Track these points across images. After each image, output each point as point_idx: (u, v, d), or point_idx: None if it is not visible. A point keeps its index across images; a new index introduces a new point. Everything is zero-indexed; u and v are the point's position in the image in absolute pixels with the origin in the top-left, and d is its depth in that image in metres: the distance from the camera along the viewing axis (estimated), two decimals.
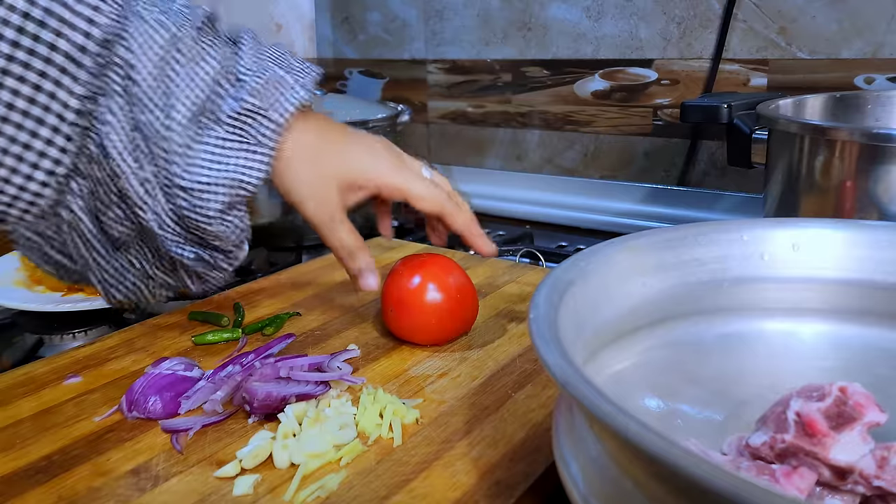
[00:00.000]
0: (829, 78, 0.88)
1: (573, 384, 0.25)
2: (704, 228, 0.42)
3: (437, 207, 0.55)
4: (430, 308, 0.53)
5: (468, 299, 0.56)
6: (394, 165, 0.55)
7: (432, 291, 0.53)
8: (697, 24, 0.96)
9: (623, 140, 1.06)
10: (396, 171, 0.54)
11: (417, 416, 0.45)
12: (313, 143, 0.53)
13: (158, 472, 0.41)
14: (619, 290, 0.38)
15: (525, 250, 0.84)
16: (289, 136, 0.51)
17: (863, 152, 0.58)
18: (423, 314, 0.54)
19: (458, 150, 1.24)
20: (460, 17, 1.18)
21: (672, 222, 0.78)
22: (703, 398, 0.39)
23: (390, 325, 0.56)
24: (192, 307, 0.65)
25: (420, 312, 0.54)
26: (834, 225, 0.42)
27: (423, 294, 0.53)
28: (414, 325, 0.54)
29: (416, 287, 0.54)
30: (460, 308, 0.55)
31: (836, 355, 0.41)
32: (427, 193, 0.54)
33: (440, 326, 0.54)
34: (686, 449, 0.21)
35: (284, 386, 0.47)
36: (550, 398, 0.48)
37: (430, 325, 0.54)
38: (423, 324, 0.54)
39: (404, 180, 0.54)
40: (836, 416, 0.33)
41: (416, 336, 0.55)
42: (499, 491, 0.38)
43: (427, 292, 0.53)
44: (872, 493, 0.32)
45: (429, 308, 0.53)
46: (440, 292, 0.54)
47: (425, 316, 0.54)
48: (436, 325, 0.54)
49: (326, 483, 0.39)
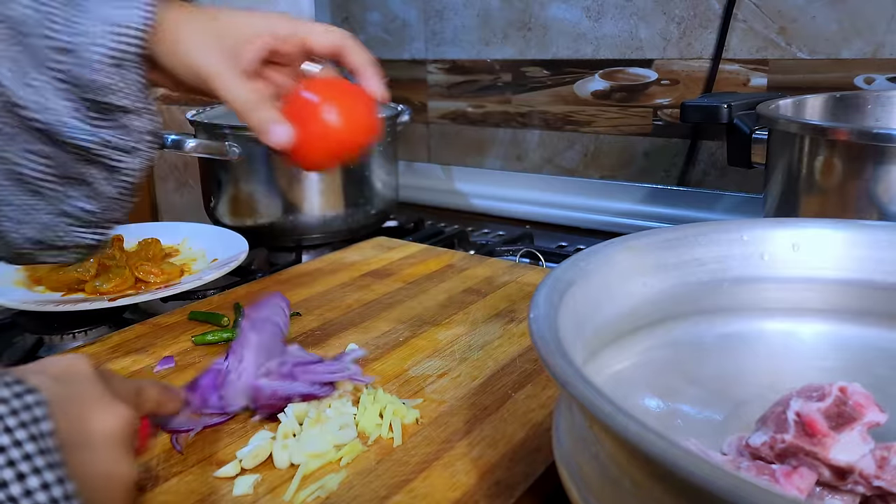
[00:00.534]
0: (829, 78, 0.88)
1: (573, 384, 0.25)
2: (704, 228, 0.42)
3: (337, 41, 0.53)
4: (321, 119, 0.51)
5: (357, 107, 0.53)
6: (285, 17, 0.54)
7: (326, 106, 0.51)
8: (697, 24, 0.96)
9: (623, 140, 1.06)
10: (289, 20, 0.53)
11: (417, 416, 0.45)
12: (199, 11, 0.51)
13: (158, 472, 0.41)
14: (619, 290, 0.38)
15: (525, 250, 0.84)
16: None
17: (863, 152, 0.58)
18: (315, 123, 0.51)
19: (458, 150, 1.24)
20: (460, 17, 1.18)
21: (672, 222, 0.78)
22: (703, 398, 0.39)
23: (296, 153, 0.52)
24: (192, 307, 0.65)
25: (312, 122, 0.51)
26: (834, 225, 0.42)
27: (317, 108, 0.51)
28: (308, 137, 0.51)
29: (308, 100, 0.51)
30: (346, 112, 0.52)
31: (835, 355, 0.41)
32: (325, 30, 0.53)
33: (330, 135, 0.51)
34: (686, 449, 0.21)
35: (291, 385, 0.46)
36: (550, 398, 0.48)
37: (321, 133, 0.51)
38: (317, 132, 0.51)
39: (299, 24, 0.53)
40: (835, 416, 0.33)
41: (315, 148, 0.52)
42: (499, 491, 0.38)
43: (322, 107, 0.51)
44: (872, 492, 0.32)
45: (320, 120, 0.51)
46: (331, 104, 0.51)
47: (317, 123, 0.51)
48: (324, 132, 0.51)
49: (326, 483, 0.39)
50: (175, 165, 1.78)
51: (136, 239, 0.86)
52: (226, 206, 0.94)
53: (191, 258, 0.84)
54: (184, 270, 0.80)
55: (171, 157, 1.78)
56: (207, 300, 0.67)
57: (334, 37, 0.54)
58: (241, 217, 0.94)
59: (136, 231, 0.89)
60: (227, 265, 0.76)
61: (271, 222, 0.92)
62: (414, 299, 0.66)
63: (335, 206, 0.93)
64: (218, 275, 0.73)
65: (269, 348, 0.49)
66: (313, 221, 0.93)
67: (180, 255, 0.86)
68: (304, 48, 0.53)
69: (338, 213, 0.93)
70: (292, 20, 0.54)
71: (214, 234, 0.89)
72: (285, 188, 0.91)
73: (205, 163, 0.96)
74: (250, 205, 0.92)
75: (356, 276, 0.72)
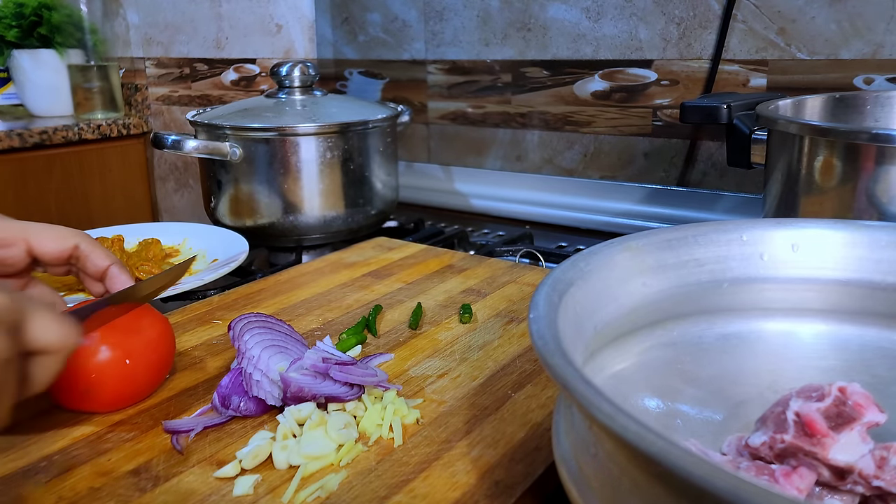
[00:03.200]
0: (828, 78, 0.88)
1: (573, 384, 0.25)
2: (704, 229, 0.42)
3: (67, 244, 0.48)
4: (97, 368, 0.45)
5: (150, 357, 0.47)
6: (5, 220, 0.49)
7: (103, 351, 0.45)
8: (697, 25, 0.96)
9: (623, 140, 1.06)
10: (10, 223, 0.48)
11: (418, 416, 0.45)
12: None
13: (159, 472, 0.41)
14: (619, 291, 0.38)
15: (525, 250, 0.84)
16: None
17: (862, 152, 0.58)
18: (88, 375, 0.45)
19: (458, 150, 1.24)
20: (460, 18, 1.18)
21: (672, 223, 0.78)
22: (702, 398, 0.39)
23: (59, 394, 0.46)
24: (192, 307, 0.65)
25: (84, 373, 0.45)
26: (833, 225, 0.42)
27: (91, 354, 0.45)
28: (77, 389, 0.45)
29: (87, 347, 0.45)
30: (135, 369, 0.46)
31: (835, 355, 0.41)
32: (55, 234, 0.48)
33: (108, 389, 0.46)
34: (685, 449, 0.21)
35: (319, 384, 0.45)
36: (550, 398, 0.48)
37: (94, 388, 0.45)
38: (88, 386, 0.45)
39: (24, 226, 0.47)
40: (835, 417, 0.33)
41: (82, 401, 0.46)
42: (499, 491, 0.38)
43: (98, 352, 0.45)
44: (872, 493, 0.32)
45: (95, 368, 0.45)
46: (111, 351, 0.45)
47: (90, 377, 0.45)
48: (101, 388, 0.45)
49: (326, 483, 0.39)
50: (175, 166, 1.78)
51: (137, 239, 0.87)
52: (226, 207, 0.95)
53: (191, 258, 0.84)
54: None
55: (171, 158, 1.78)
56: (208, 300, 0.67)
57: (63, 241, 0.48)
58: (242, 217, 0.94)
59: (137, 231, 0.89)
60: (227, 265, 0.76)
61: (271, 222, 0.92)
62: (414, 299, 0.66)
63: (335, 207, 0.93)
64: (218, 275, 0.73)
65: (280, 344, 0.49)
66: (313, 222, 0.93)
67: (181, 255, 0.86)
68: (30, 254, 0.48)
69: (338, 213, 0.93)
70: (15, 223, 0.48)
71: (215, 234, 0.89)
72: (285, 188, 0.91)
73: (205, 163, 0.96)
74: (250, 205, 0.92)
75: (356, 276, 0.72)
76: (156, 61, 1.73)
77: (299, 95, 0.97)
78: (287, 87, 0.98)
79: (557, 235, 1.04)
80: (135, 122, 1.72)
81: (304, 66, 0.97)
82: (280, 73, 0.97)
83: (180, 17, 1.63)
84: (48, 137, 1.55)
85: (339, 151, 0.92)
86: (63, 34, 1.67)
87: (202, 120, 0.94)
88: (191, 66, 1.65)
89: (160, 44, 1.70)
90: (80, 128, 1.61)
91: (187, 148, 0.87)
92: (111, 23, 1.76)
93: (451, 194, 1.22)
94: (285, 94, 0.98)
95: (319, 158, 0.91)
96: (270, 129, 0.89)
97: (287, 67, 0.97)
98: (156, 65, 1.73)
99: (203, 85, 1.64)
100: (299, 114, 0.93)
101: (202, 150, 0.88)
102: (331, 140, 0.91)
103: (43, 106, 1.74)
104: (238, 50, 1.54)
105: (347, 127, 0.91)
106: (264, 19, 1.47)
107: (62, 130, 1.58)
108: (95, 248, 0.50)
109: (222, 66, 1.58)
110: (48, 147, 1.57)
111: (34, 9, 1.63)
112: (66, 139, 1.59)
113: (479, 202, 1.18)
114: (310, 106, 0.95)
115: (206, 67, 1.61)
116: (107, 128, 1.66)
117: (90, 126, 1.63)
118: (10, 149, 1.50)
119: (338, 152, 0.92)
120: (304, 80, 0.97)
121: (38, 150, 1.55)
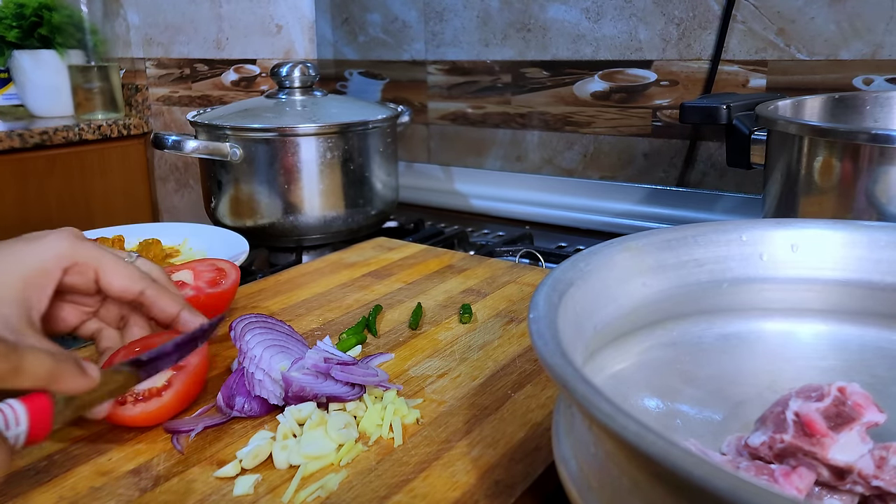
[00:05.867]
0: (827, 79, 0.88)
1: (573, 384, 0.25)
2: (703, 229, 0.42)
3: (134, 288, 0.46)
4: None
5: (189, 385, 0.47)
6: (79, 238, 0.47)
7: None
8: (696, 26, 0.96)
9: (622, 141, 1.06)
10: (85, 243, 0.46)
11: (418, 416, 0.45)
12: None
13: (159, 472, 0.41)
14: (619, 291, 0.38)
15: (525, 251, 0.84)
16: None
17: (861, 153, 0.58)
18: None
19: (458, 150, 1.24)
20: (460, 19, 1.18)
21: (671, 223, 0.78)
22: (702, 398, 0.39)
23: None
24: None
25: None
26: (832, 225, 0.42)
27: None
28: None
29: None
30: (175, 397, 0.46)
31: (834, 355, 0.41)
32: (123, 269, 0.46)
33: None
34: (685, 449, 0.21)
35: (321, 383, 0.46)
36: (550, 398, 0.48)
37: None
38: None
39: (97, 251, 0.46)
40: (834, 416, 0.33)
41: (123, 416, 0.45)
42: (499, 491, 0.38)
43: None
44: (871, 492, 0.32)
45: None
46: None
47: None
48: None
49: (326, 483, 0.39)
50: (175, 166, 1.78)
51: (137, 239, 0.87)
52: (226, 207, 0.95)
53: (191, 258, 0.84)
54: None
55: (171, 158, 1.78)
56: None
57: (131, 285, 0.46)
58: (242, 217, 0.94)
59: (137, 231, 0.89)
60: None
61: (272, 223, 0.92)
62: (414, 299, 0.66)
63: (335, 207, 0.93)
64: None
65: (281, 344, 0.49)
66: (313, 222, 0.93)
67: (181, 255, 0.86)
68: (97, 283, 0.47)
69: (338, 213, 0.93)
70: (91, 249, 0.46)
71: (215, 234, 0.89)
72: (286, 189, 0.91)
73: (205, 163, 0.96)
74: (251, 205, 0.92)
75: (356, 277, 0.73)
76: (156, 62, 1.73)
77: (299, 96, 0.97)
78: (287, 87, 0.98)
79: (557, 236, 1.05)
80: (135, 122, 1.72)
81: (304, 66, 0.98)
82: (280, 73, 0.97)
83: (180, 17, 1.63)
84: (49, 138, 1.55)
85: (339, 152, 0.92)
86: (63, 35, 1.67)
87: (202, 120, 0.94)
88: (191, 66, 1.65)
89: (160, 44, 1.70)
90: (81, 128, 1.61)
91: (188, 148, 0.87)
92: (111, 23, 1.76)
93: (450, 194, 1.22)
94: (285, 94, 0.98)
95: (319, 159, 0.91)
96: (271, 129, 0.89)
97: (287, 68, 0.97)
98: (156, 65, 1.73)
99: (203, 85, 1.64)
100: (299, 114, 0.93)
101: (202, 150, 0.89)
102: (331, 140, 0.91)
103: (43, 106, 1.74)
104: (238, 50, 1.54)
105: (347, 127, 0.92)
106: (264, 20, 1.47)
107: (63, 131, 1.58)
108: (162, 295, 0.48)
109: (222, 67, 1.58)
110: (49, 147, 1.57)
111: (35, 9, 1.63)
112: (67, 140, 1.59)
113: (479, 202, 1.18)
114: (310, 106, 0.95)
115: (207, 68, 1.62)
116: (107, 128, 1.67)
117: (91, 126, 1.63)
118: (11, 149, 1.50)
119: (338, 153, 0.92)
120: (304, 81, 0.97)
121: (39, 150, 1.55)
